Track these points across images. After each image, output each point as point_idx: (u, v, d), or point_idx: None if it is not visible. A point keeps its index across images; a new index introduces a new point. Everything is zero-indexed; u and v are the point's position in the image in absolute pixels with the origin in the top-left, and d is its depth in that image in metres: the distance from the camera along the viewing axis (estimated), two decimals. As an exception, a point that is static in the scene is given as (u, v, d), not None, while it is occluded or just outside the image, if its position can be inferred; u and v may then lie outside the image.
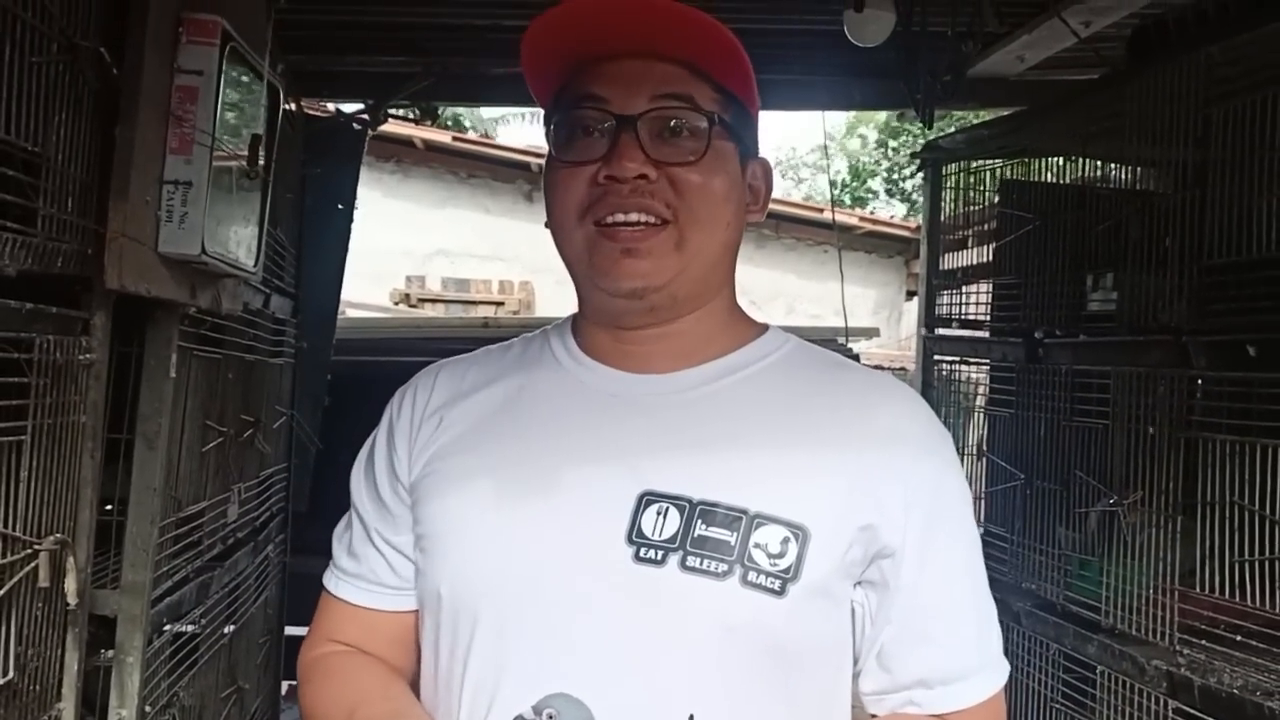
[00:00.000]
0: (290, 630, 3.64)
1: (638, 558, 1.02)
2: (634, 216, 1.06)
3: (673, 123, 1.07)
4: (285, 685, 4.09)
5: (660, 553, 1.02)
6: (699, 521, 1.03)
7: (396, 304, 9.79)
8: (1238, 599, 2.09)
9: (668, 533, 1.03)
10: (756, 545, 1.02)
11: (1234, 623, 2.15)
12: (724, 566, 1.01)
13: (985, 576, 1.15)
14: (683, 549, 1.02)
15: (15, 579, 1.45)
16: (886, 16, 2.54)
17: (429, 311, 9.73)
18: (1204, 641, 2.17)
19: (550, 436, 1.11)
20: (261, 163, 1.92)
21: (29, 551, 1.49)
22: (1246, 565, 2.07)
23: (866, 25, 2.48)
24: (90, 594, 1.72)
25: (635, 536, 1.03)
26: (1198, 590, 2.18)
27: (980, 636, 1.12)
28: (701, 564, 1.01)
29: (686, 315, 1.13)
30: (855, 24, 2.50)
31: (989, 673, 1.12)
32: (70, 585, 1.55)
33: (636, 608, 1.02)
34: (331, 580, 1.23)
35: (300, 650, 1.23)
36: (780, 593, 1.01)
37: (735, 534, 1.02)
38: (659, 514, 1.03)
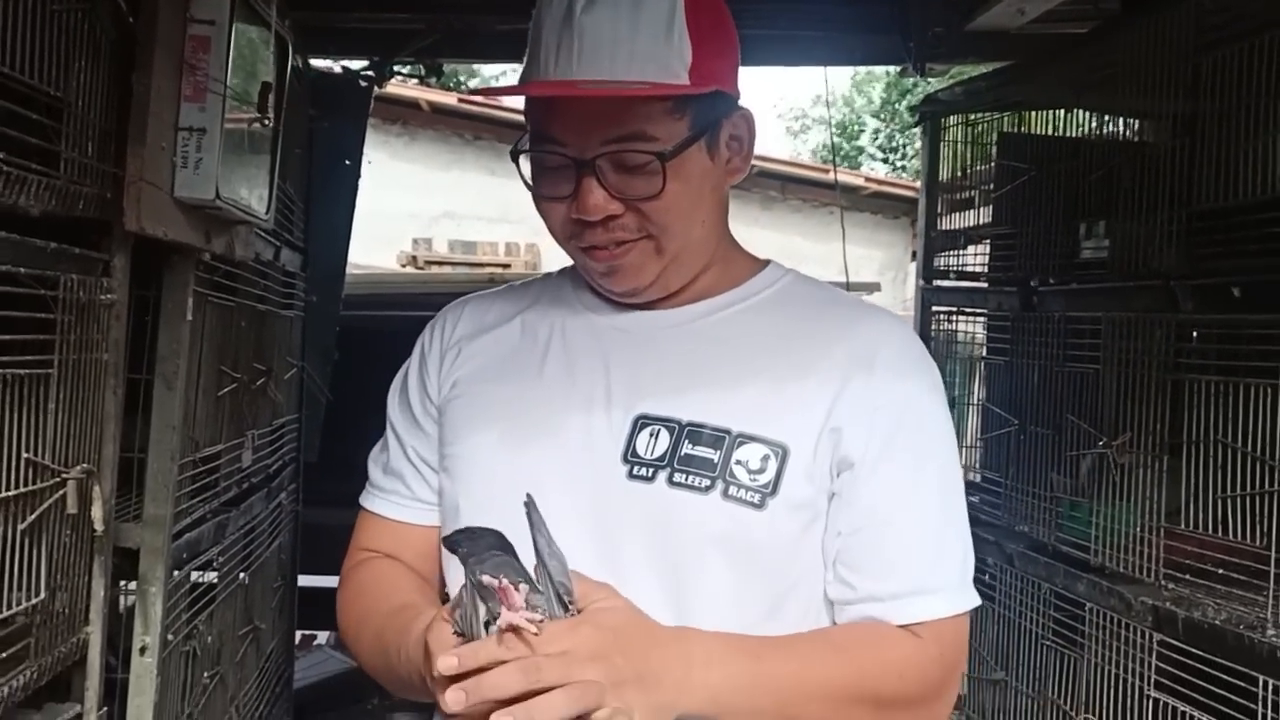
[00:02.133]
0: (303, 580, 3.72)
1: (630, 475, 1.12)
2: (610, 246, 1.15)
3: (627, 161, 1.11)
4: (299, 635, 4.19)
5: (650, 470, 1.12)
6: (686, 441, 1.12)
7: (404, 266, 9.84)
8: (1222, 535, 2.16)
9: (658, 452, 1.12)
10: (738, 462, 1.10)
11: (1219, 558, 2.22)
12: (706, 482, 1.10)
13: (959, 504, 1.18)
14: (670, 466, 1.11)
15: (45, 505, 1.53)
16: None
17: (435, 274, 9.79)
18: (1189, 577, 2.23)
19: (560, 368, 1.22)
20: (271, 111, 1.98)
21: (57, 480, 1.56)
22: (1230, 502, 2.13)
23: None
24: (114, 527, 1.80)
25: (630, 456, 1.13)
26: (1183, 528, 2.24)
27: (939, 558, 1.15)
28: (687, 479, 1.11)
29: (687, 284, 1.22)
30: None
31: (947, 595, 1.14)
32: (96, 512, 1.63)
33: (628, 520, 1.12)
34: (367, 498, 1.33)
35: (343, 564, 1.34)
36: (760, 506, 1.10)
37: (719, 452, 1.11)
38: (651, 435, 1.13)
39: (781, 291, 1.24)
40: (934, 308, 3.43)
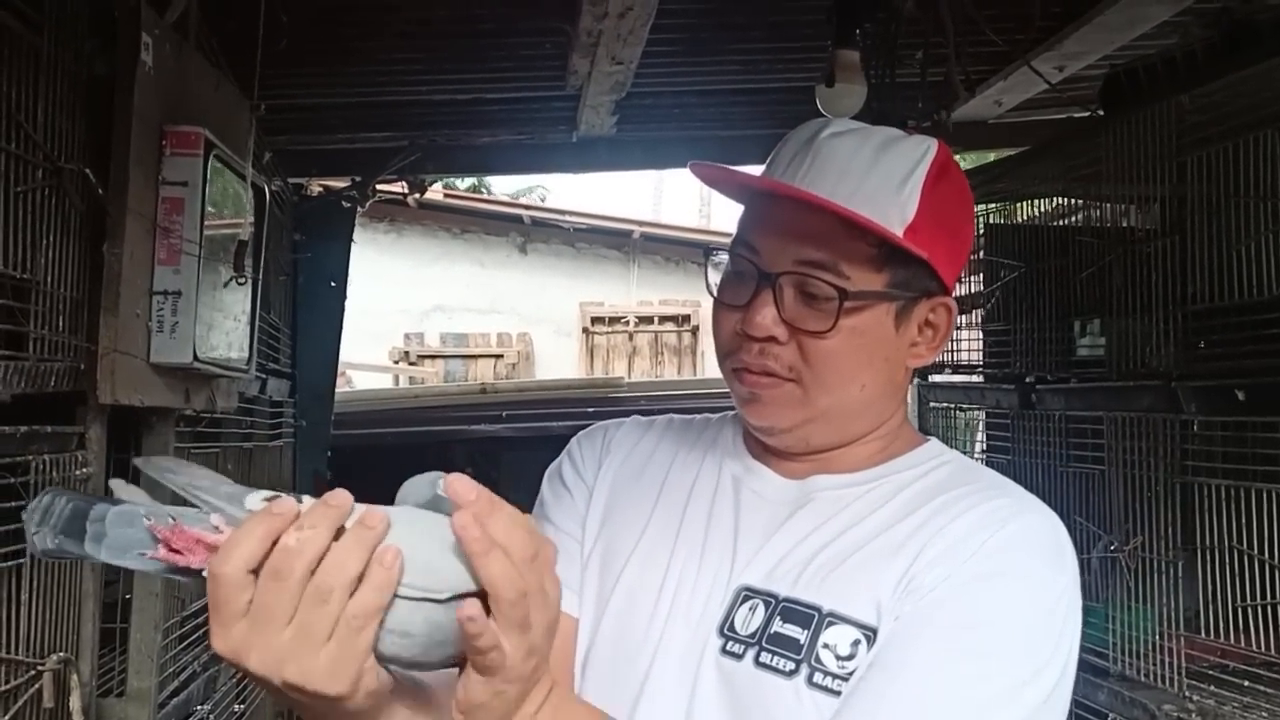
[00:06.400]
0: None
1: (724, 650, 1.05)
2: (758, 371, 1.09)
3: (810, 289, 1.06)
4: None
5: (742, 647, 1.04)
6: (778, 618, 1.04)
7: (396, 362, 9.82)
8: (1241, 643, 2.10)
9: (753, 628, 1.05)
10: (825, 645, 1.01)
11: (1241, 666, 2.15)
12: (791, 665, 1.01)
13: (984, 715, 0.96)
14: (759, 645, 1.03)
15: (19, 703, 1.46)
16: (858, 90, 2.57)
17: (428, 368, 9.77)
18: (1211, 686, 2.16)
19: (691, 518, 1.15)
20: (248, 269, 1.95)
21: (32, 674, 1.50)
22: (1249, 608, 2.07)
23: (840, 99, 2.51)
24: (96, 705, 1.72)
25: (727, 630, 1.06)
26: (1202, 634, 2.18)
27: None
28: (772, 661, 1.02)
29: (833, 449, 1.14)
30: (827, 98, 2.53)
31: None
32: (75, 703, 1.56)
33: (713, 696, 1.04)
34: None
35: None
36: (842, 695, 0.99)
37: (807, 632, 1.02)
38: (750, 609, 1.06)
39: (929, 472, 1.13)
40: (931, 404, 3.39)
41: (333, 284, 3.57)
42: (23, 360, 1.49)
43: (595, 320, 10.35)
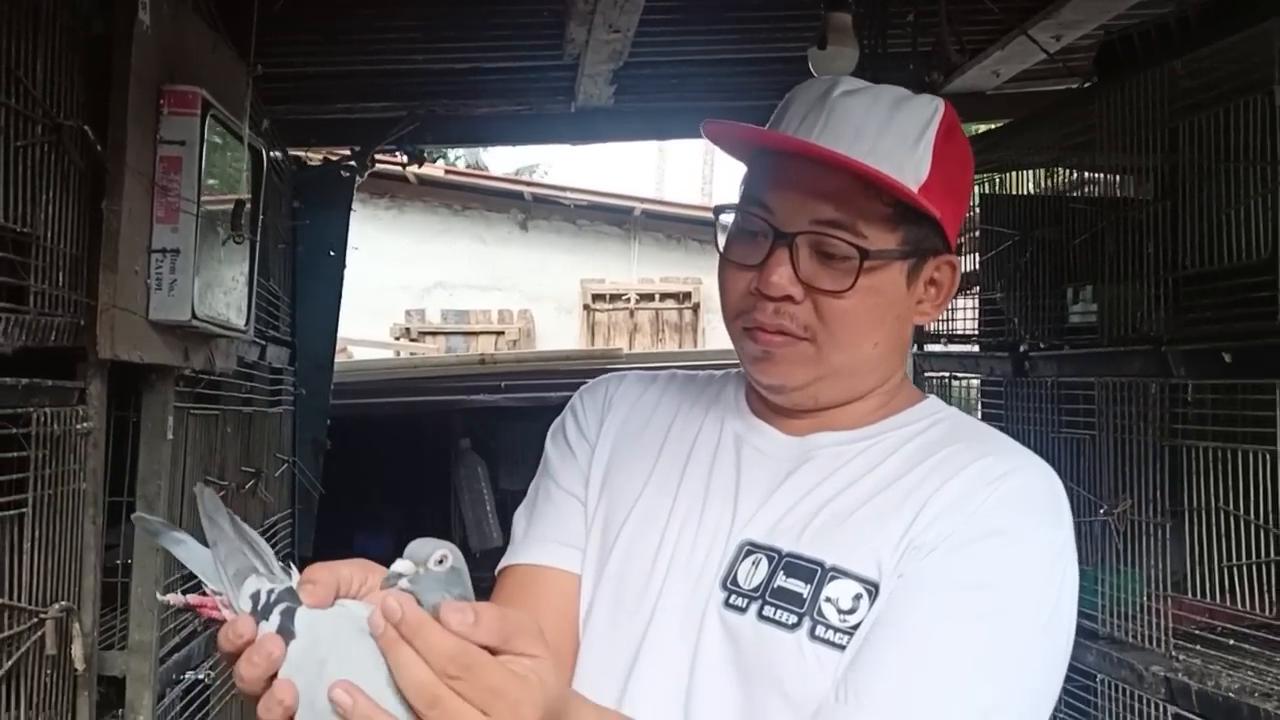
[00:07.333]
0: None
1: (726, 604, 1.07)
2: (773, 330, 1.09)
3: (827, 248, 1.06)
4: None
5: (745, 601, 1.06)
6: (781, 572, 1.05)
7: (397, 338, 9.85)
8: (1229, 604, 2.12)
9: (755, 582, 1.06)
10: (828, 599, 1.03)
11: (1228, 627, 2.18)
12: (794, 618, 1.03)
13: (988, 674, 0.98)
14: (762, 599, 1.05)
15: (23, 649, 1.49)
16: (850, 53, 2.58)
17: (429, 344, 9.80)
18: (1199, 647, 2.19)
19: (692, 474, 1.17)
20: (246, 229, 1.97)
21: (35, 621, 1.53)
22: (1236, 569, 2.09)
23: (832, 61, 2.52)
24: (98, 656, 1.76)
25: (730, 583, 1.08)
26: (1190, 595, 2.21)
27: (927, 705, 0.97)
28: (775, 614, 1.04)
29: (838, 406, 1.15)
30: (820, 60, 2.54)
31: None
32: (77, 651, 1.59)
33: (716, 649, 1.06)
34: (504, 560, 1.22)
35: None
36: (845, 649, 1.01)
37: (810, 586, 1.04)
38: (753, 564, 1.07)
39: (928, 428, 1.14)
40: (926, 373, 3.41)
41: (332, 253, 3.59)
42: (23, 314, 1.52)
43: (596, 297, 10.36)
